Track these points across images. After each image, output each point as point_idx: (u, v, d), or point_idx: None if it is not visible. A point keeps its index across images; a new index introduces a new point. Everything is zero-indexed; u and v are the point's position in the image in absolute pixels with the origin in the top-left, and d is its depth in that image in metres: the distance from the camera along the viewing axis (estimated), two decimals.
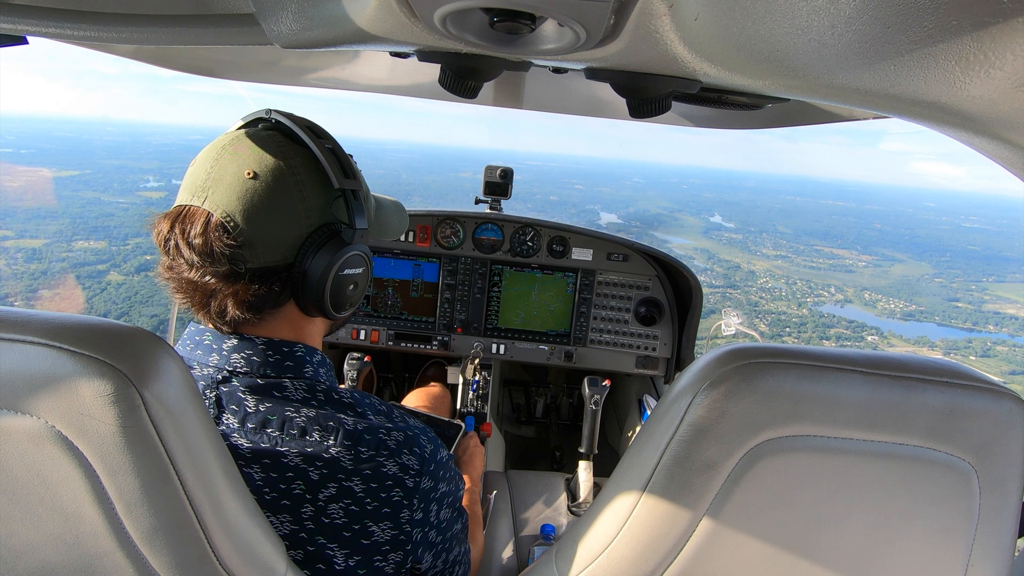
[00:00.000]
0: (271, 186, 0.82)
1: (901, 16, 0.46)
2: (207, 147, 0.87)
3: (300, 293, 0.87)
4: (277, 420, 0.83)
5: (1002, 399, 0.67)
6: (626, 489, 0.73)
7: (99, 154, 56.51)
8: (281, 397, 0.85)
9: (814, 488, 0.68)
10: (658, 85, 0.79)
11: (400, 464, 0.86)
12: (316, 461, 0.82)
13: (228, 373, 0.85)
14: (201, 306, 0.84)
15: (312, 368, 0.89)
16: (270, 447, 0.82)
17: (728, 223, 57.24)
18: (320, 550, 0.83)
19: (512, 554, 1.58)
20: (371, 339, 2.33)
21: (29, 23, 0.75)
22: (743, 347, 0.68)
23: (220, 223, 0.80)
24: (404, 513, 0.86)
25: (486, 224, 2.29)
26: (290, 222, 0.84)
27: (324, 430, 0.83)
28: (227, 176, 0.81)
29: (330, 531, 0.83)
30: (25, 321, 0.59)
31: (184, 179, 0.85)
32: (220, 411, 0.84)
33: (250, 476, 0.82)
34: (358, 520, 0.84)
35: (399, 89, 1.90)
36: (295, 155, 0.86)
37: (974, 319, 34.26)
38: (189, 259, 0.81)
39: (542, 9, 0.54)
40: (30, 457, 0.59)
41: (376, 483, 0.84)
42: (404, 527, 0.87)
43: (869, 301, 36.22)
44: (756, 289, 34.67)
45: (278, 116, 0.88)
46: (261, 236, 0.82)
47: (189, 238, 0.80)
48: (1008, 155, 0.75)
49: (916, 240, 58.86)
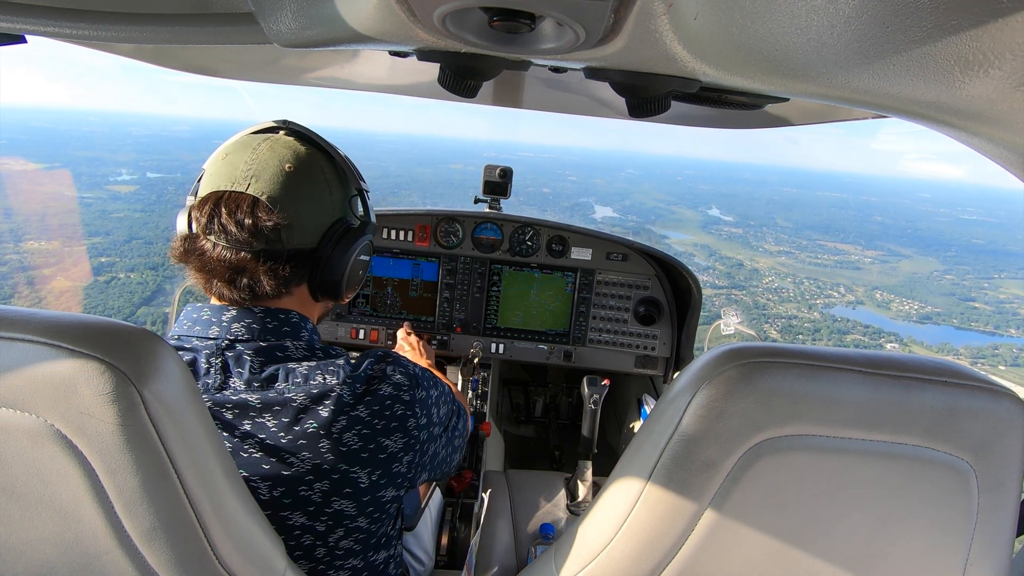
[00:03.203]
0: (307, 178, 0.95)
1: (900, 16, 0.46)
2: (233, 143, 0.97)
3: (319, 275, 0.98)
4: (282, 374, 0.91)
5: (1001, 399, 0.67)
6: (625, 488, 0.73)
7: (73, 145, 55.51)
8: (284, 356, 0.93)
9: (813, 487, 0.68)
10: (657, 84, 0.79)
11: (392, 384, 0.96)
12: (324, 399, 0.90)
13: (230, 341, 0.91)
14: (228, 281, 0.92)
15: (307, 332, 0.98)
16: (278, 395, 0.89)
17: (727, 216, 57.02)
18: (344, 476, 0.91)
19: (512, 553, 1.59)
20: (370, 339, 2.32)
21: (28, 22, 0.75)
22: (742, 347, 0.68)
23: (266, 205, 0.90)
24: (411, 422, 0.97)
25: (485, 223, 2.29)
26: (321, 210, 0.97)
27: (326, 374, 0.92)
28: (269, 167, 0.92)
29: (349, 457, 0.91)
30: (25, 320, 0.59)
31: (212, 170, 0.95)
32: (227, 375, 0.90)
33: (263, 424, 0.88)
34: (372, 439, 0.92)
35: (398, 88, 1.90)
36: (320, 157, 0.99)
37: (995, 322, 33.46)
38: (235, 235, 0.89)
39: (541, 8, 0.54)
40: (29, 456, 0.59)
41: (378, 405, 0.93)
42: (412, 432, 0.98)
43: (882, 302, 35.61)
44: (762, 290, 33.98)
45: (296, 126, 1.02)
46: (298, 220, 0.93)
47: (237, 216, 0.89)
48: (1007, 155, 0.75)
49: (919, 234, 58.55)
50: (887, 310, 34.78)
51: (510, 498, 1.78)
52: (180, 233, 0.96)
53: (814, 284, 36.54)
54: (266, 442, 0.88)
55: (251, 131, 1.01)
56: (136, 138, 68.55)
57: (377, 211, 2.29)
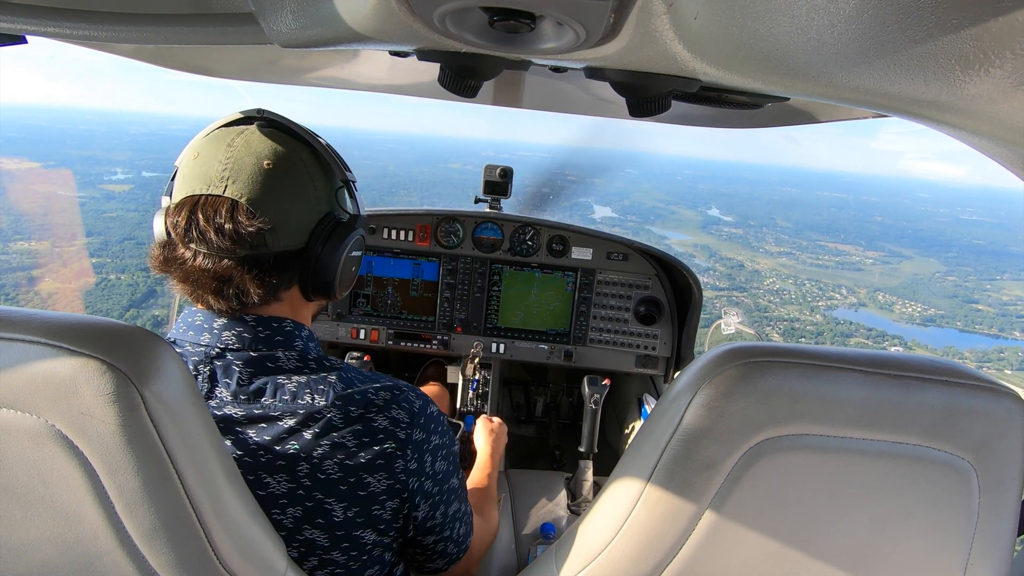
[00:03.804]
0: (288, 175, 0.88)
1: (901, 15, 0.46)
2: (205, 139, 0.89)
3: (309, 274, 0.92)
4: (270, 388, 0.86)
5: (1002, 398, 0.67)
6: (626, 488, 0.73)
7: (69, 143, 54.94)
8: (274, 368, 0.88)
9: (814, 487, 0.68)
10: (658, 84, 0.79)
11: (390, 418, 0.89)
12: (309, 421, 0.85)
13: (220, 350, 0.88)
14: (215, 292, 0.86)
15: (302, 342, 0.93)
16: (263, 412, 0.85)
17: (726, 216, 56.80)
18: (318, 505, 0.86)
19: (512, 553, 1.59)
20: (371, 338, 2.32)
21: (28, 22, 0.75)
22: (742, 346, 0.68)
23: (247, 208, 0.84)
24: (398, 463, 0.89)
25: (486, 223, 2.29)
26: (305, 209, 0.90)
27: (315, 392, 0.86)
28: (247, 166, 0.85)
29: (327, 486, 0.86)
30: (26, 320, 0.59)
31: (185, 170, 0.88)
32: (213, 385, 0.86)
33: (245, 440, 0.85)
34: (353, 473, 0.86)
35: (399, 88, 1.90)
36: (300, 149, 0.91)
37: (999, 324, 32.94)
38: (216, 244, 0.83)
39: (541, 8, 0.54)
40: (30, 456, 0.59)
41: (368, 437, 0.87)
42: (399, 476, 0.90)
43: (884, 304, 35.21)
44: (764, 291, 33.60)
45: (271, 115, 0.93)
46: (283, 220, 0.87)
47: (216, 222, 0.83)
48: (1008, 154, 0.75)
49: (919, 234, 58.35)
50: (890, 312, 34.36)
51: (511, 498, 1.78)
52: (158, 239, 0.90)
53: (816, 286, 36.22)
54: (244, 459, 0.84)
55: (223, 123, 0.93)
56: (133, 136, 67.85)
57: (377, 211, 2.30)
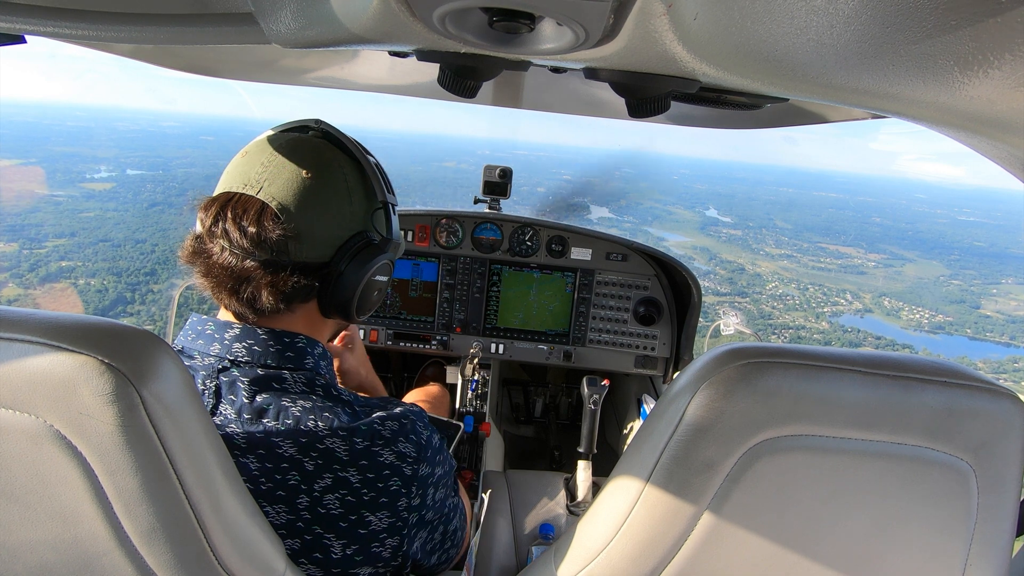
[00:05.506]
0: (326, 187, 0.88)
1: (899, 16, 0.46)
2: (256, 142, 0.92)
3: (329, 291, 0.90)
4: (273, 410, 0.84)
5: (1000, 399, 0.67)
6: (625, 489, 0.73)
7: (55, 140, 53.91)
8: (280, 389, 0.86)
9: (813, 488, 0.68)
10: (657, 85, 0.79)
11: (397, 452, 0.86)
12: (311, 452, 0.83)
13: (229, 362, 0.86)
14: (231, 291, 0.86)
15: (313, 360, 0.90)
16: (265, 437, 0.83)
17: (725, 217, 56.59)
18: (317, 540, 0.84)
19: (511, 554, 1.58)
20: (370, 338, 2.32)
21: (27, 22, 0.75)
22: (742, 347, 0.68)
23: (275, 213, 0.84)
24: (402, 501, 0.87)
25: (485, 224, 2.29)
26: (336, 223, 0.90)
27: (320, 420, 0.84)
28: (285, 172, 0.86)
29: (326, 521, 0.83)
30: (24, 320, 0.59)
31: (231, 167, 0.90)
32: (218, 400, 0.85)
33: (246, 465, 0.82)
34: (355, 511, 0.84)
35: (398, 89, 1.90)
36: (346, 164, 0.92)
37: (1011, 332, 32.34)
38: (238, 242, 0.83)
39: (541, 9, 0.54)
40: (29, 456, 0.59)
41: (373, 473, 0.85)
42: (401, 514, 0.87)
43: (891, 310, 34.71)
44: (767, 297, 33.11)
45: (327, 127, 0.95)
46: (310, 232, 0.86)
47: (242, 222, 0.84)
48: (1007, 155, 0.75)
49: (920, 236, 58.14)
50: (897, 319, 33.77)
51: (510, 498, 1.78)
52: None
53: (819, 290, 35.61)
54: (245, 484, 0.82)
55: (279, 128, 0.96)
56: (121, 133, 66.47)
57: None
